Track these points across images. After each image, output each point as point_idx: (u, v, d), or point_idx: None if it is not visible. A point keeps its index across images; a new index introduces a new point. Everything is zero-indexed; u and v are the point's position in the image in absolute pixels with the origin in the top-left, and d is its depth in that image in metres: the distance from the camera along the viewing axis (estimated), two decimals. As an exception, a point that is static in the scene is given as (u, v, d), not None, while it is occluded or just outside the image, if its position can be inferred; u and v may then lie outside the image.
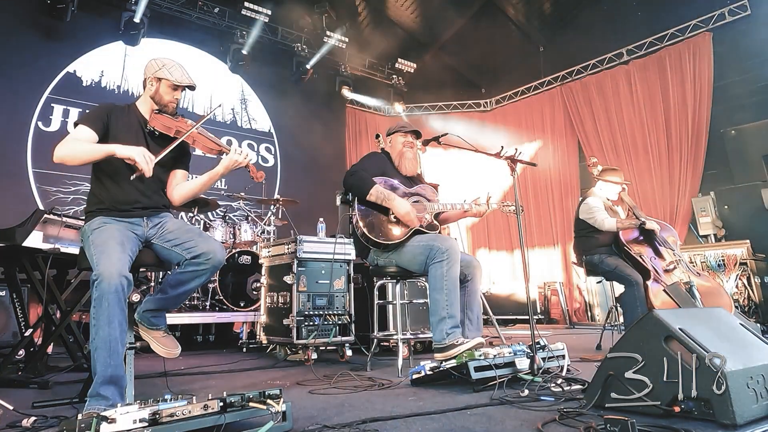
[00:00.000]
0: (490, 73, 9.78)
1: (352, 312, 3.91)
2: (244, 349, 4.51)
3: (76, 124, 2.19)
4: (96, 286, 1.86)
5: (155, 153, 2.20)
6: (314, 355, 3.68)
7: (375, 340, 3.45)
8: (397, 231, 2.95)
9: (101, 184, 2.23)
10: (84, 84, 6.80)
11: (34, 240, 2.88)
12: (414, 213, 2.91)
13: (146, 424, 1.42)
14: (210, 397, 1.57)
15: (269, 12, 7.80)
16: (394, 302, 3.22)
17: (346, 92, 8.94)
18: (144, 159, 2.06)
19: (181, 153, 2.42)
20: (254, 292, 4.98)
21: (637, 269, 3.75)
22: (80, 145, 2.11)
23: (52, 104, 6.48)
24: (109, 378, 1.83)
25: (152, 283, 4.76)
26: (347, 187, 3.03)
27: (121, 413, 1.40)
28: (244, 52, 7.81)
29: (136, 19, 6.72)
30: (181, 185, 2.42)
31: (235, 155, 2.29)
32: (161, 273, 4.62)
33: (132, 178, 2.09)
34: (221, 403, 1.57)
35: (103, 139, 2.20)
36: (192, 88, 2.41)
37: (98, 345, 1.85)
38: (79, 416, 1.40)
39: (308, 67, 8.30)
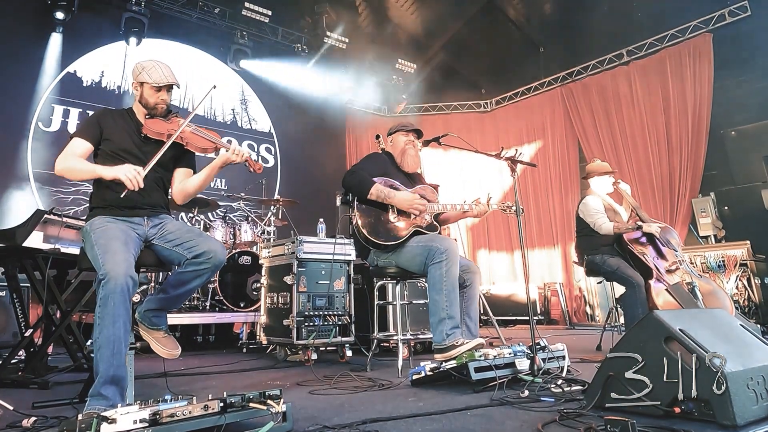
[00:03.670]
0: (490, 74, 9.77)
1: (352, 312, 3.91)
2: (244, 350, 4.51)
3: (71, 137, 2.24)
4: (102, 285, 1.87)
5: (152, 154, 2.22)
6: (314, 356, 3.68)
7: (375, 340, 3.45)
8: (396, 232, 2.95)
9: (101, 184, 2.24)
10: (84, 84, 6.80)
11: (35, 240, 2.88)
12: (418, 200, 2.92)
13: (146, 424, 1.42)
14: (210, 398, 1.57)
15: (269, 12, 7.81)
16: (394, 303, 3.22)
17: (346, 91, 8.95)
18: (128, 177, 2.05)
19: (180, 152, 2.41)
20: (254, 293, 4.98)
21: (639, 269, 3.75)
22: (76, 164, 2.16)
23: (52, 104, 6.48)
24: (111, 378, 1.83)
25: (152, 283, 4.76)
26: (347, 187, 3.03)
27: (121, 413, 1.40)
28: (245, 52, 7.83)
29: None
30: (183, 183, 2.42)
31: (231, 155, 2.29)
32: (161, 273, 4.62)
33: (122, 195, 2.07)
34: (221, 404, 1.57)
35: (100, 145, 2.26)
36: (175, 86, 2.38)
37: (102, 344, 1.85)
38: (80, 416, 1.40)
39: (308, 67, 8.33)
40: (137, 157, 2.26)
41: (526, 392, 2.15)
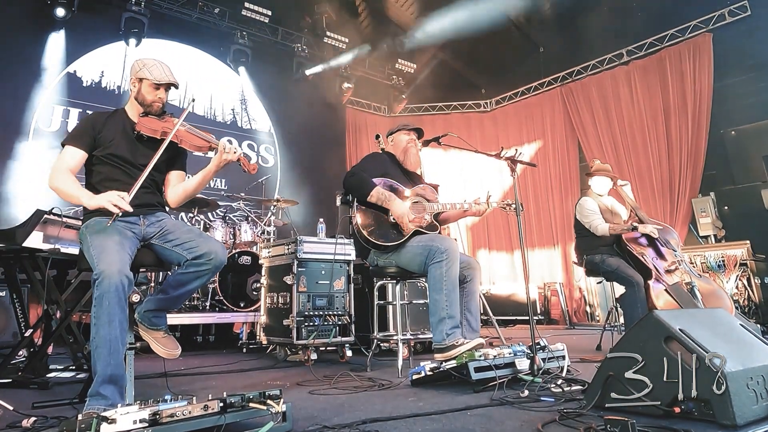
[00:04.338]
0: (490, 74, 9.77)
1: (352, 312, 3.91)
2: (244, 350, 4.51)
3: (63, 144, 2.23)
4: (97, 285, 1.86)
5: (145, 156, 2.22)
6: (314, 356, 3.68)
7: (375, 340, 3.45)
8: (396, 232, 2.95)
9: (94, 187, 2.23)
10: (84, 84, 6.80)
11: (35, 240, 2.87)
12: (409, 217, 2.92)
13: (146, 424, 1.42)
14: (210, 398, 1.57)
15: (269, 12, 7.81)
16: (394, 303, 3.22)
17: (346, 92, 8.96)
18: (113, 203, 2.01)
19: (174, 154, 2.39)
20: (254, 293, 4.98)
21: (638, 269, 3.75)
22: (65, 186, 2.12)
23: (53, 104, 6.48)
24: (109, 377, 1.83)
25: (152, 283, 4.76)
26: (347, 188, 3.04)
27: (121, 413, 1.40)
28: (245, 52, 7.83)
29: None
30: (177, 187, 2.40)
31: (225, 155, 2.26)
32: (161, 273, 4.62)
33: (109, 223, 2.04)
34: (221, 404, 1.57)
35: (94, 150, 2.24)
36: (174, 86, 2.37)
37: (98, 344, 1.85)
38: (79, 416, 1.40)
39: (308, 73, 8.37)
40: (130, 163, 2.25)
41: (526, 392, 2.15)
